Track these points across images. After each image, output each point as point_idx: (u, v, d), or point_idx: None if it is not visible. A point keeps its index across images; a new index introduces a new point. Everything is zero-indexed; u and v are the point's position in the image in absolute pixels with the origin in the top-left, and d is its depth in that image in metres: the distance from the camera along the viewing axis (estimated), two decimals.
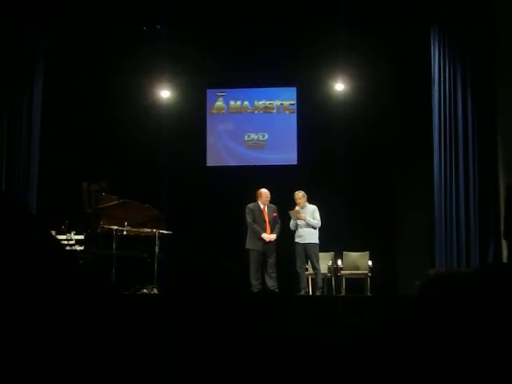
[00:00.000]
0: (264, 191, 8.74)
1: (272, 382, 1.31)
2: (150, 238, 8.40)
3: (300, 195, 8.65)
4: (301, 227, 8.58)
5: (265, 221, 8.63)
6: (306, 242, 8.54)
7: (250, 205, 8.73)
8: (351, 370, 1.33)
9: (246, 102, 10.80)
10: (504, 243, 7.84)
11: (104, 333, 1.24)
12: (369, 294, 8.99)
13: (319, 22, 8.79)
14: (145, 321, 1.48)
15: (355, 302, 6.61)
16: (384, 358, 1.36)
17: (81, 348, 1.15)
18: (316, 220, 8.58)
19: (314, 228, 8.58)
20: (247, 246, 8.56)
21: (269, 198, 8.73)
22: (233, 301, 1.75)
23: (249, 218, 8.63)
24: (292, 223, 8.64)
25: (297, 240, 8.60)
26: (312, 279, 8.85)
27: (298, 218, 8.55)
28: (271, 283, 8.43)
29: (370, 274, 9.15)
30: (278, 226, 8.68)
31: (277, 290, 8.35)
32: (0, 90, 8.80)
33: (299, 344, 1.37)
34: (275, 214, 8.71)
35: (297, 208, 8.61)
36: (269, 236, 8.55)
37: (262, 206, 8.70)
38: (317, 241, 8.58)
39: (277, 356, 1.34)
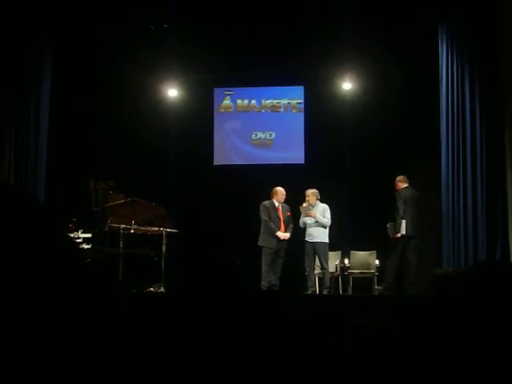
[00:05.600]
0: (280, 189, 8.71)
1: (277, 381, 1.31)
2: (157, 236, 8.42)
3: (309, 192, 8.61)
4: (310, 226, 8.54)
5: (279, 219, 8.60)
6: (315, 240, 8.50)
7: (265, 202, 8.70)
8: (356, 371, 1.33)
9: (253, 101, 10.79)
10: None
11: (109, 331, 1.24)
12: (376, 293, 8.96)
13: (327, 21, 8.78)
14: (151, 319, 1.49)
15: (362, 302, 6.59)
16: (389, 357, 1.36)
17: (84, 347, 1.15)
18: (326, 218, 8.53)
19: (324, 227, 8.52)
20: (261, 244, 8.53)
21: (284, 196, 8.71)
22: (240, 299, 1.75)
23: (264, 216, 8.60)
24: (301, 221, 8.61)
25: (306, 239, 8.56)
26: (319, 278, 8.83)
27: (308, 215, 8.53)
28: (274, 281, 8.43)
29: (377, 274, 9.13)
30: (291, 226, 8.67)
31: (276, 288, 8.33)
32: (8, 88, 8.84)
33: (305, 344, 1.37)
34: (289, 214, 8.69)
35: (304, 204, 8.59)
36: (283, 234, 8.53)
37: (277, 204, 8.68)
38: (326, 240, 8.53)
39: (282, 355, 1.34)
